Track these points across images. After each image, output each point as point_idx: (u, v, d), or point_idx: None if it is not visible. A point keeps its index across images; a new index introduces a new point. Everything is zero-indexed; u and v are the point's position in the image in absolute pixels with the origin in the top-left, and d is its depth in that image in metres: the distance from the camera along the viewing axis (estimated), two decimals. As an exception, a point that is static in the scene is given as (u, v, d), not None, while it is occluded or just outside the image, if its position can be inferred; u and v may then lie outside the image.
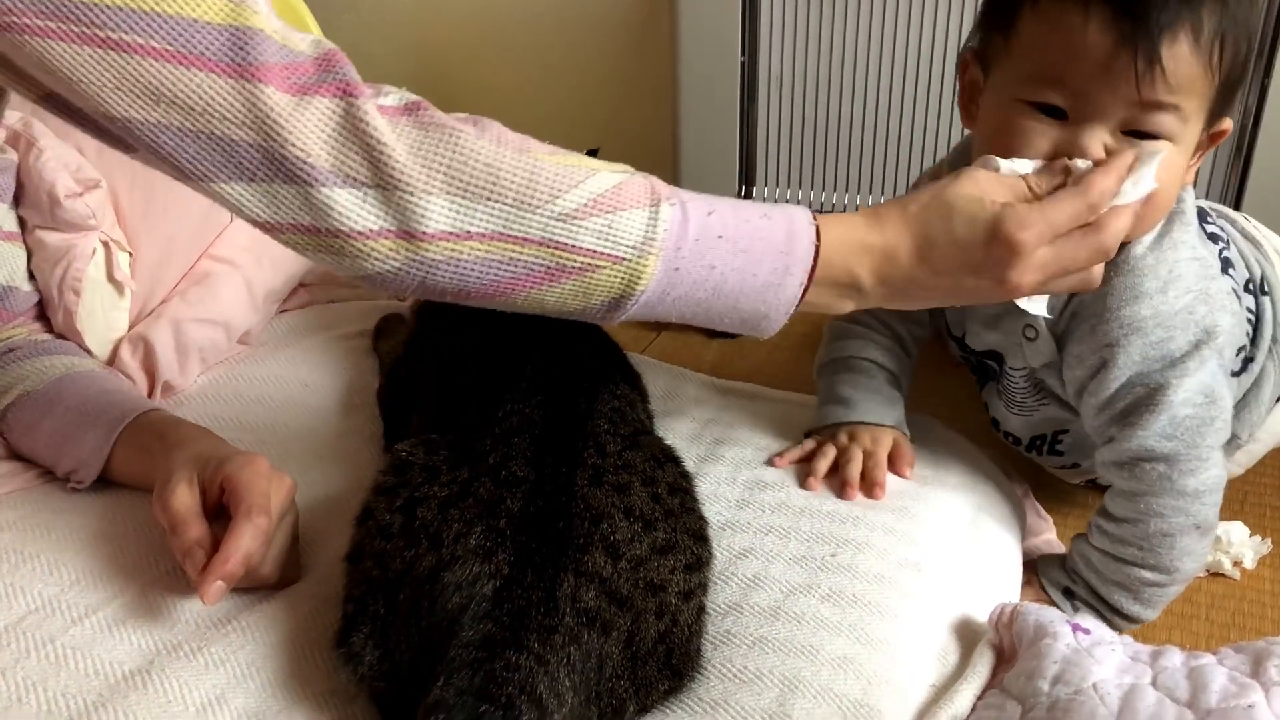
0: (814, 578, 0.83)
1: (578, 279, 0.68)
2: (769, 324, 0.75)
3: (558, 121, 2.04)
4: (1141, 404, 0.88)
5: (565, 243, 0.67)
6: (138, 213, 1.09)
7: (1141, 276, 0.87)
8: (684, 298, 0.72)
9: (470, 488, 0.72)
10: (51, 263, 1.02)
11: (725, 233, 0.71)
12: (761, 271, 0.72)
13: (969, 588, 0.88)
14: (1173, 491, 0.88)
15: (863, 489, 0.94)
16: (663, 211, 0.69)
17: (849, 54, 1.55)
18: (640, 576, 0.69)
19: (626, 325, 1.47)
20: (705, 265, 0.71)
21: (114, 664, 0.72)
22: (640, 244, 0.69)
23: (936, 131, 1.55)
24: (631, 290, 0.70)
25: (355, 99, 0.63)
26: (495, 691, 0.62)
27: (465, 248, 0.65)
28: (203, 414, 1.04)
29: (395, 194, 0.63)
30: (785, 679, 0.73)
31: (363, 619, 0.70)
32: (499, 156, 0.66)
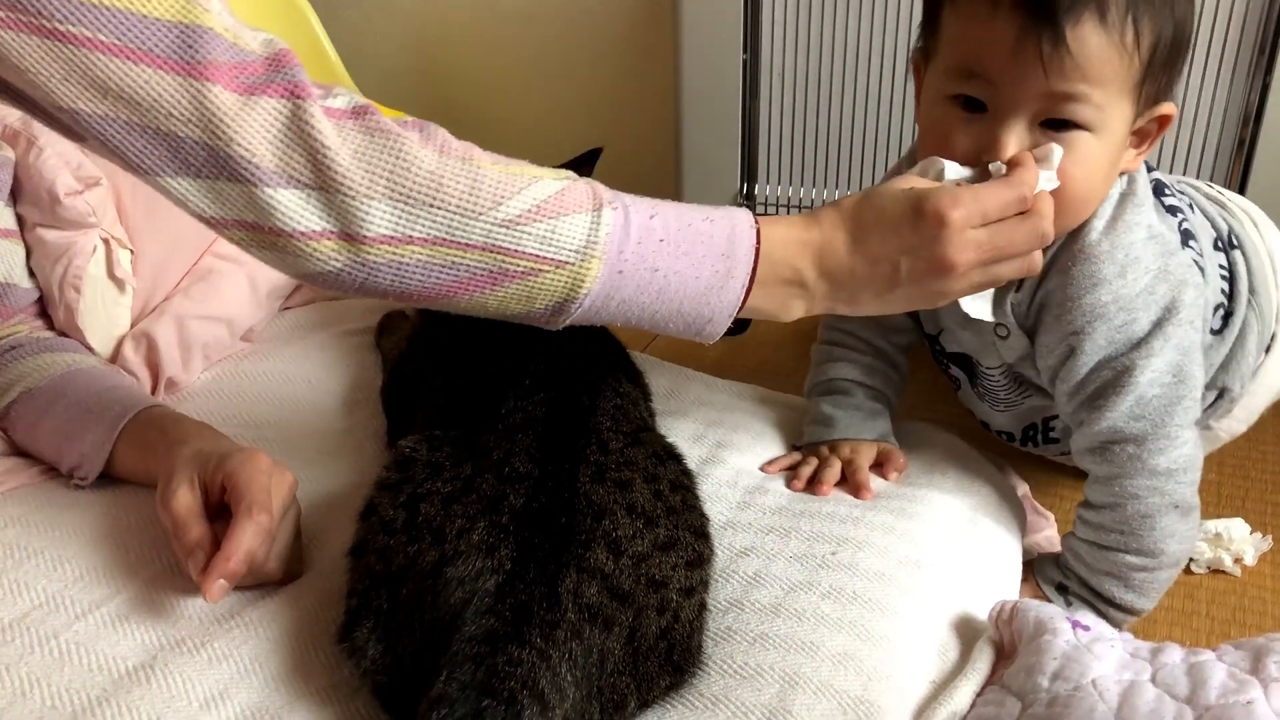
0: (814, 575, 0.83)
1: (521, 283, 0.70)
2: (713, 328, 0.76)
3: (560, 118, 2.05)
4: (1109, 386, 0.89)
5: (508, 248, 0.68)
6: (140, 210, 1.09)
7: (1099, 263, 0.88)
8: (628, 301, 0.73)
9: (473, 484, 0.73)
10: (52, 260, 1.02)
11: (667, 236, 0.72)
12: (704, 274, 0.73)
13: (968, 585, 0.89)
14: (1145, 471, 0.89)
15: (848, 491, 0.96)
16: (605, 215, 0.70)
17: (851, 51, 1.55)
18: (642, 573, 0.70)
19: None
20: (648, 268, 0.72)
21: (117, 659, 0.73)
22: (583, 248, 0.70)
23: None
24: (575, 294, 0.71)
25: (302, 100, 0.63)
26: (497, 686, 0.63)
27: (407, 252, 0.66)
28: (206, 410, 1.04)
29: (338, 197, 0.64)
30: (786, 675, 0.73)
31: (366, 614, 0.70)
32: (442, 164, 0.66)
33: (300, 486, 0.83)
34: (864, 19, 1.52)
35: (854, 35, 1.53)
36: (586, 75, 1.99)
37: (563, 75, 2.01)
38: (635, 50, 1.93)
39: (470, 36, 2.05)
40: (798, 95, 1.60)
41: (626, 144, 2.01)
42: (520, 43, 2.01)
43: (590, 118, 2.02)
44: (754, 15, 1.56)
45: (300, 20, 1.87)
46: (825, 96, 1.59)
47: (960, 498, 0.97)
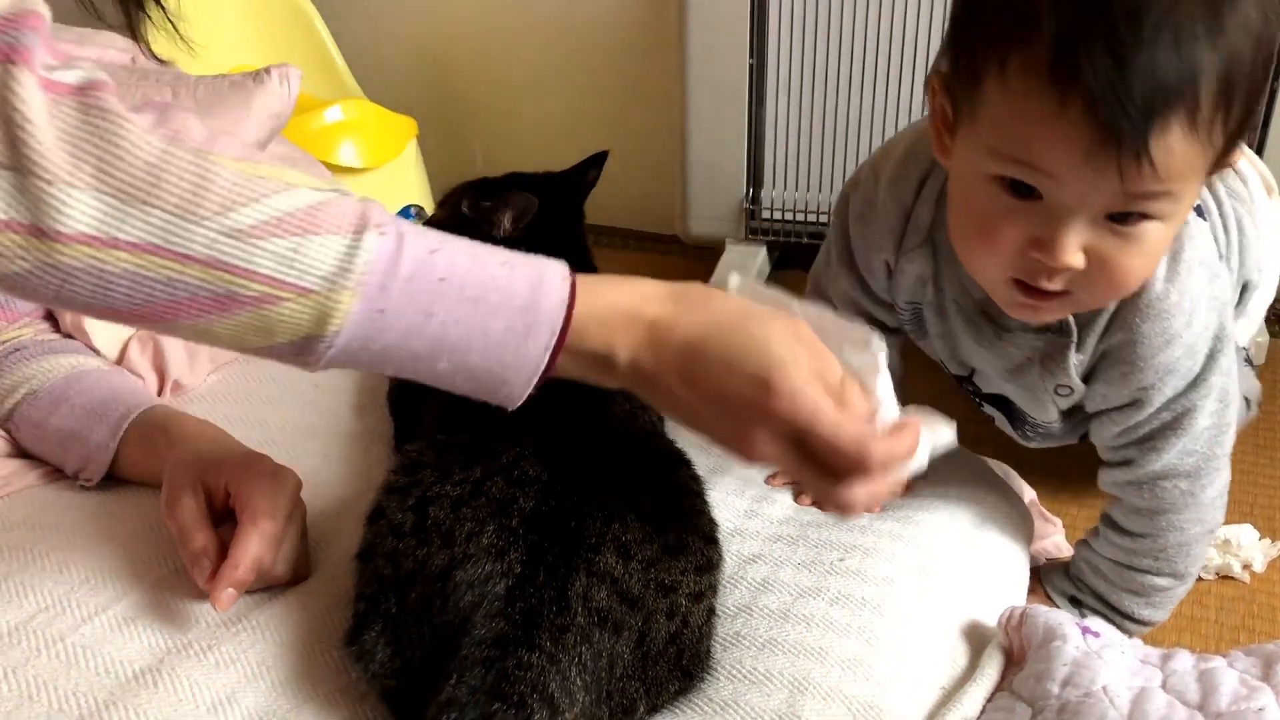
0: (822, 581, 0.83)
1: (254, 311, 0.57)
2: (510, 390, 0.62)
3: (565, 123, 2.05)
4: (1167, 428, 0.86)
5: (235, 265, 0.56)
6: None
7: (1170, 319, 0.82)
8: (396, 347, 0.60)
9: (482, 487, 0.72)
10: None
11: (451, 276, 0.60)
12: (495, 327, 0.60)
13: (977, 591, 0.88)
14: (1194, 505, 0.87)
15: None
16: (367, 241, 0.58)
17: (857, 57, 1.55)
18: (651, 577, 0.69)
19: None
20: (420, 311, 0.59)
21: (124, 662, 0.72)
22: (332, 275, 0.57)
23: (945, 134, 1.55)
24: (322, 330, 0.58)
25: (14, 66, 0.53)
26: (507, 690, 0.62)
27: (111, 257, 0.55)
28: (213, 413, 1.03)
29: (31, 180, 0.53)
30: (795, 680, 0.73)
31: (374, 617, 0.70)
32: (167, 155, 0.56)
33: (307, 489, 0.83)
34: (870, 25, 1.52)
35: (860, 41, 1.53)
36: (592, 80, 1.99)
37: (568, 80, 2.01)
38: (641, 55, 1.93)
39: (476, 43, 2.05)
40: (804, 101, 1.60)
41: (632, 149, 2.01)
42: (526, 47, 2.01)
43: (596, 123, 2.02)
44: (760, 21, 1.56)
45: (306, 26, 1.87)
46: (831, 102, 1.59)
47: (967, 504, 0.97)
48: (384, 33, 2.10)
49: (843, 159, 1.62)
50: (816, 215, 1.66)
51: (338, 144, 1.65)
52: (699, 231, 1.74)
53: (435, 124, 2.11)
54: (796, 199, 1.66)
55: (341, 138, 1.66)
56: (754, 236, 1.70)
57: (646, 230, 2.07)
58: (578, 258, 1.06)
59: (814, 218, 1.66)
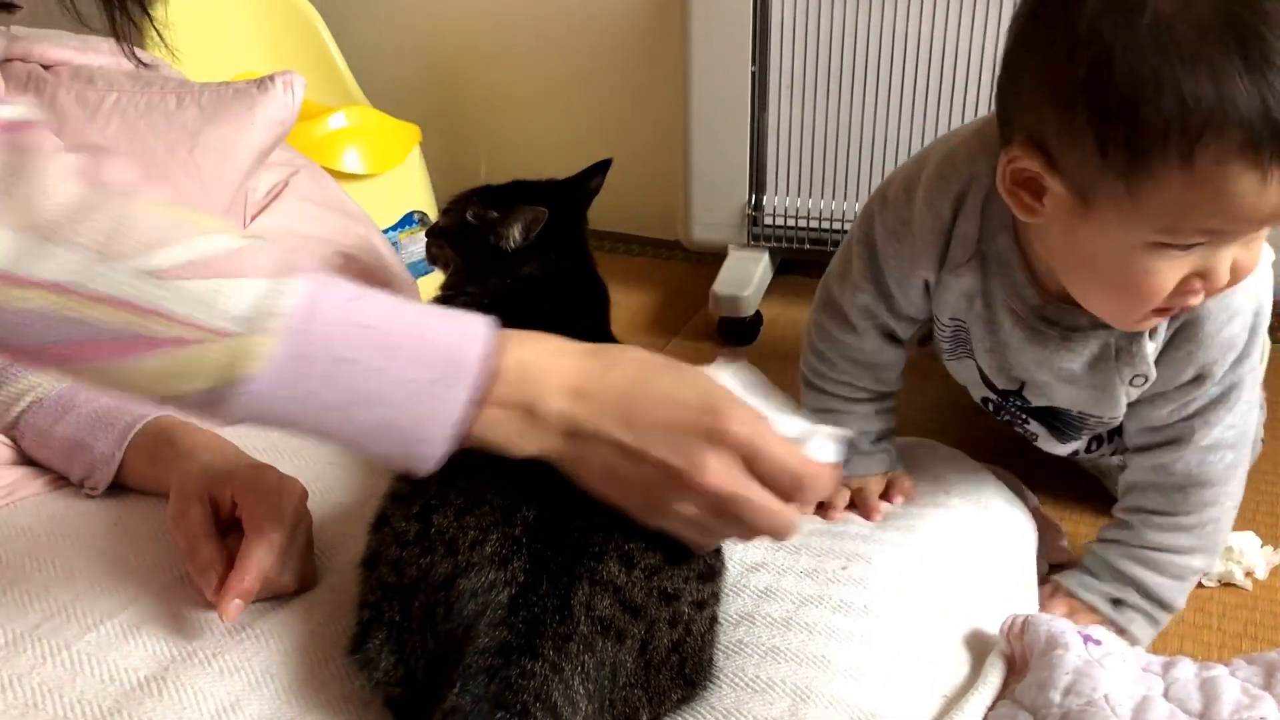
0: (825, 589, 0.83)
1: (171, 353, 0.56)
2: (427, 449, 0.61)
3: (568, 129, 2.05)
4: (1217, 402, 0.90)
5: (150, 306, 0.55)
6: None
7: (1232, 294, 0.84)
8: (315, 395, 0.58)
9: (485, 495, 0.73)
10: None
11: (373, 323, 0.59)
12: (417, 376, 0.59)
13: (980, 599, 0.88)
14: (1236, 476, 0.91)
15: (858, 514, 0.97)
16: (291, 284, 0.57)
17: (860, 63, 1.55)
18: (654, 585, 0.70)
19: (636, 331, 1.48)
20: (340, 358, 0.58)
21: (129, 670, 0.73)
22: (251, 317, 0.56)
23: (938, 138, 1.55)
24: (240, 374, 0.56)
25: None
26: (511, 699, 0.63)
27: (22, 296, 0.54)
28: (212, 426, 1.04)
29: None
30: (797, 688, 0.73)
31: (377, 625, 0.70)
32: (88, 195, 0.56)
33: (312, 498, 0.83)
34: (872, 31, 1.52)
35: (862, 47, 1.54)
36: (595, 87, 2.00)
37: (571, 87, 2.02)
38: (644, 62, 1.94)
39: (479, 50, 2.05)
40: (806, 107, 1.60)
41: (635, 155, 2.01)
42: (529, 53, 2.02)
43: (599, 129, 2.03)
44: (762, 28, 1.57)
45: (310, 32, 1.88)
46: (834, 109, 1.59)
47: (970, 513, 0.97)
48: (388, 39, 2.10)
49: (845, 165, 1.62)
50: (819, 221, 1.66)
51: (341, 151, 1.65)
52: (701, 237, 1.74)
53: (439, 131, 2.11)
54: (799, 205, 1.67)
55: (345, 144, 1.66)
56: (756, 242, 1.71)
57: (649, 236, 2.08)
58: (581, 265, 1.07)
59: (816, 224, 1.66)
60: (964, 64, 1.50)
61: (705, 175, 1.68)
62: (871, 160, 1.60)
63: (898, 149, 1.58)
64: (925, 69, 1.52)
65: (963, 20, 1.47)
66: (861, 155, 1.61)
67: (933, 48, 1.51)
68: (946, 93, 1.52)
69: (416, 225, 1.76)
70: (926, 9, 1.48)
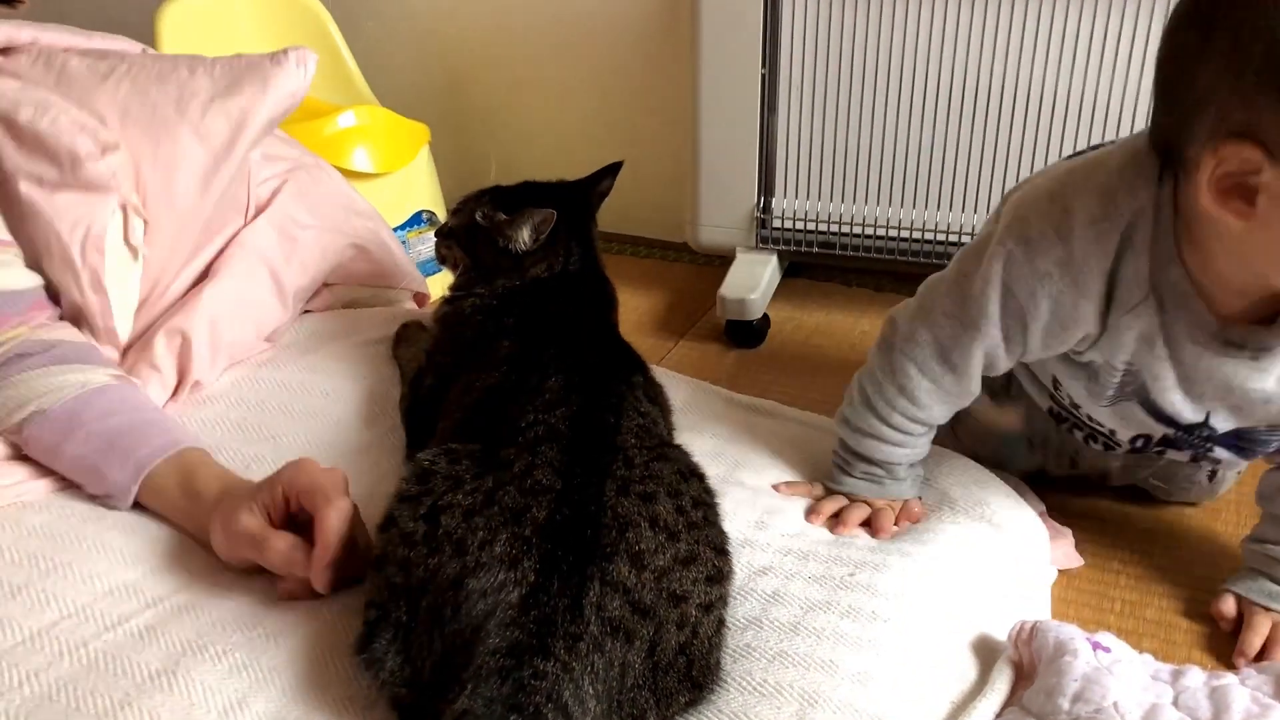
0: (833, 595, 0.83)
1: None
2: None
3: (578, 130, 2.05)
4: None
5: None
6: (159, 178, 1.08)
7: None
8: None
9: (495, 496, 0.73)
10: (69, 225, 1.01)
11: None
12: None
13: (988, 605, 0.88)
14: None
15: (869, 532, 0.96)
16: None
17: (870, 66, 1.55)
18: (663, 587, 0.70)
19: (643, 333, 1.48)
20: None
21: (141, 665, 0.73)
22: None
23: (956, 143, 1.55)
24: None
25: None
26: (524, 700, 0.63)
27: None
28: (226, 420, 1.04)
29: None
30: (805, 693, 0.73)
31: (384, 625, 0.70)
32: None
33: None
34: (884, 34, 1.52)
35: (873, 50, 1.54)
36: (604, 88, 1.99)
37: (581, 87, 2.02)
38: (654, 63, 1.94)
39: (489, 50, 2.06)
40: (816, 110, 1.60)
41: (644, 157, 2.01)
42: (539, 54, 2.02)
43: (608, 130, 2.02)
44: (773, 30, 1.56)
45: (320, 30, 1.88)
46: (844, 111, 1.59)
47: (979, 519, 0.97)
48: (397, 39, 2.10)
49: (855, 168, 1.62)
50: (828, 225, 1.66)
51: (350, 150, 1.65)
52: (709, 240, 1.74)
53: (448, 130, 2.11)
54: (808, 208, 1.66)
55: (354, 143, 1.66)
56: (764, 245, 1.71)
57: (656, 238, 2.07)
58: (590, 267, 1.07)
59: (825, 227, 1.66)
60: (975, 66, 1.50)
61: (714, 177, 1.68)
62: (882, 163, 1.60)
63: (908, 152, 1.58)
64: (936, 71, 1.52)
65: (974, 21, 1.47)
66: (872, 158, 1.60)
67: (944, 50, 1.50)
68: (958, 95, 1.52)
69: (425, 225, 1.76)
70: (938, 11, 1.48)
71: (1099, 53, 1.44)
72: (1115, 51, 1.44)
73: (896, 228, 1.63)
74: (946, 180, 1.58)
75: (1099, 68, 1.45)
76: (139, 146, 1.07)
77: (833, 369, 1.58)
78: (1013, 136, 1.52)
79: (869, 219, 1.63)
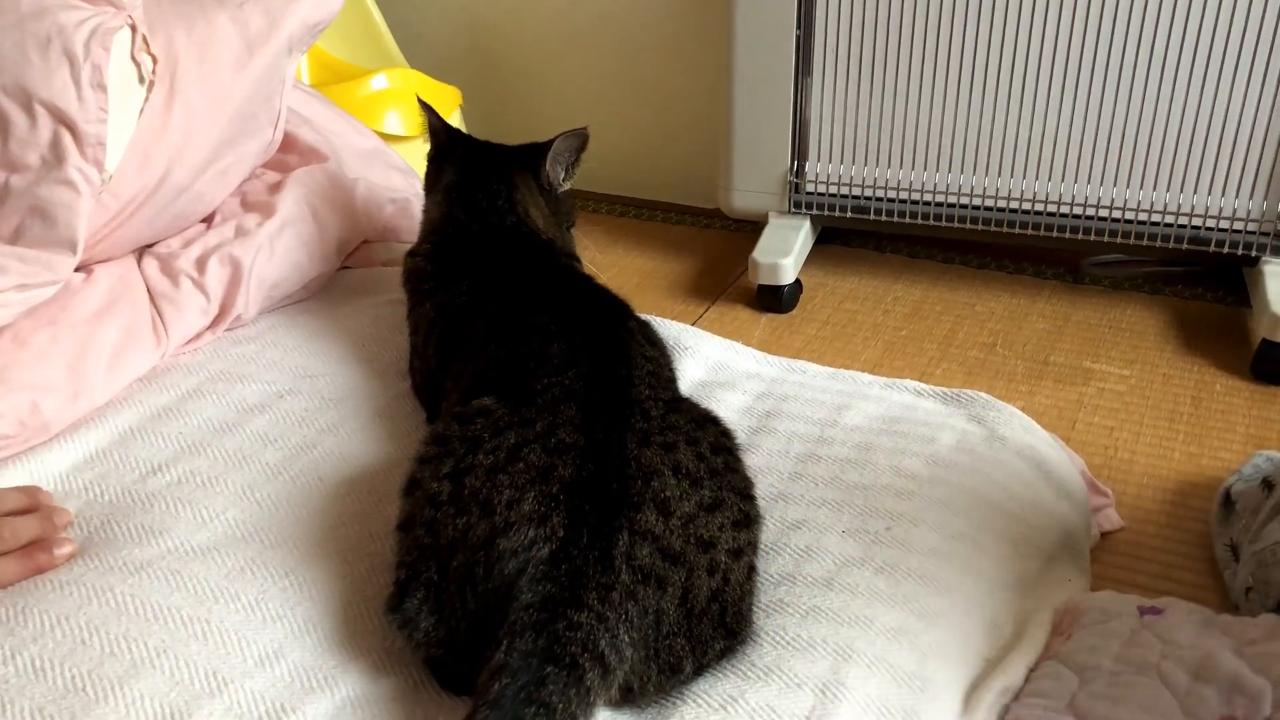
0: (868, 551, 0.82)
1: None
2: None
3: (610, 92, 2.04)
4: None
5: None
6: (190, 59, 1.07)
7: None
8: None
9: (519, 454, 0.72)
10: (75, 20, 0.96)
11: None
12: None
13: (1025, 561, 0.87)
14: None
15: None
16: None
17: (906, 29, 1.52)
18: (691, 533, 0.69)
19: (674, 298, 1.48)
20: None
21: (171, 610, 0.73)
22: None
23: (992, 108, 1.52)
24: None
25: None
26: (560, 652, 0.62)
27: None
28: (264, 359, 1.05)
29: None
30: (839, 648, 0.73)
31: (415, 584, 0.70)
32: None
33: (358, 446, 0.87)
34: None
35: (909, 12, 1.51)
36: (637, 50, 1.98)
37: (613, 50, 2.00)
38: (687, 27, 1.92)
39: (521, 14, 2.04)
40: (851, 74, 1.58)
41: (676, 121, 2.00)
42: (570, 18, 2.01)
43: (642, 93, 2.01)
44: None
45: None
46: (879, 75, 1.57)
47: (1020, 470, 0.95)
48: (428, 3, 2.10)
49: (890, 133, 1.60)
50: (862, 190, 1.64)
51: (383, 112, 1.65)
52: (741, 205, 1.72)
53: (480, 93, 2.10)
54: (841, 173, 1.65)
55: (387, 106, 1.66)
56: (797, 210, 1.69)
57: (689, 204, 2.06)
58: (514, 221, 1.05)
59: (859, 192, 1.64)
60: (1010, 29, 1.47)
61: (747, 141, 1.67)
62: (916, 128, 1.58)
63: (943, 117, 1.56)
64: (972, 35, 1.49)
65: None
66: (906, 123, 1.58)
67: (979, 13, 1.48)
68: (994, 60, 1.50)
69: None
70: (976, -28, 1.46)
71: (1128, 17, 1.41)
72: (1143, 15, 1.41)
73: (931, 192, 1.61)
74: (982, 145, 1.56)
75: (1128, 32, 1.42)
76: (173, 25, 1.07)
77: (865, 335, 1.57)
78: (1050, 102, 1.50)
79: (903, 184, 1.62)
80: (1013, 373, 1.44)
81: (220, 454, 0.91)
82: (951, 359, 1.49)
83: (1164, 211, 1.50)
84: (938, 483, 0.91)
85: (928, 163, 1.60)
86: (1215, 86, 1.42)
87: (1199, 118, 1.44)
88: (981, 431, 1.00)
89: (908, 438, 0.98)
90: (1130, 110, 1.47)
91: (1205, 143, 1.45)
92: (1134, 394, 1.39)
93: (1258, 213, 1.46)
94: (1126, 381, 1.42)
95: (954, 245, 1.82)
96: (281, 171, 1.23)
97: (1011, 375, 1.44)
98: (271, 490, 0.87)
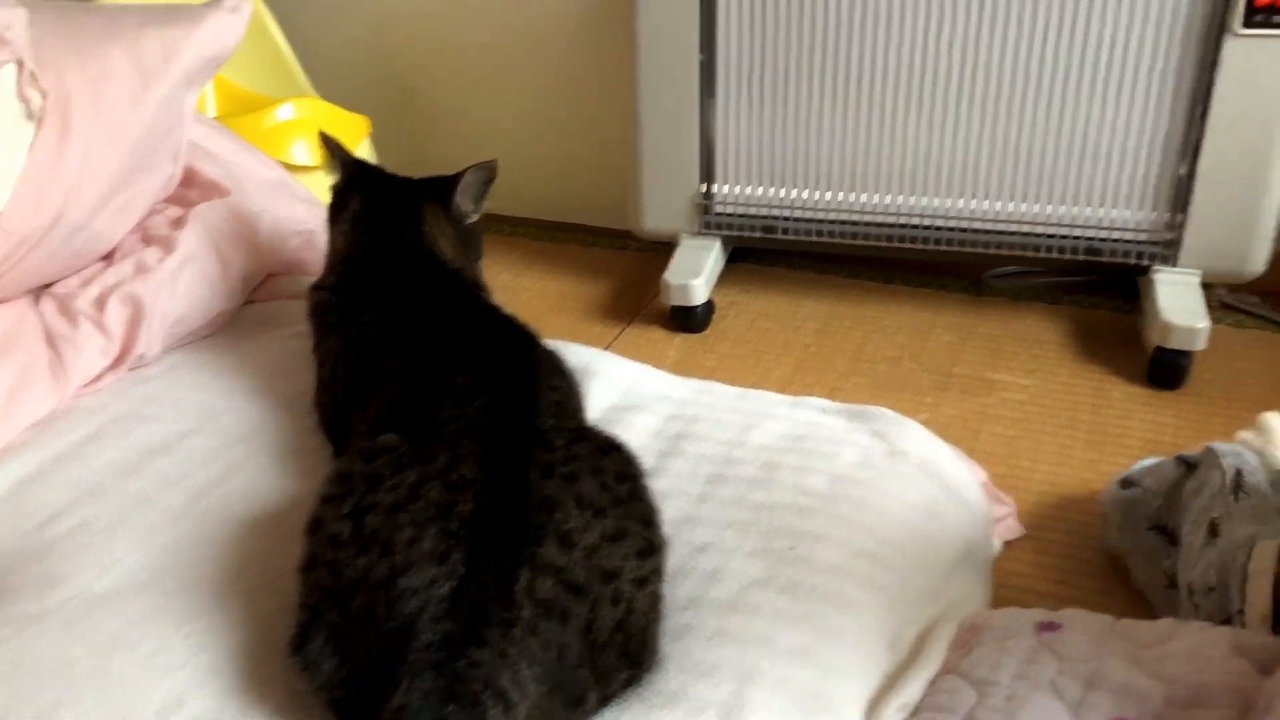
0: (773, 570, 0.84)
1: None
2: None
3: (518, 119, 2.04)
4: None
5: None
6: (84, 93, 1.05)
7: None
8: None
9: (419, 491, 0.72)
10: None
11: None
12: None
13: (925, 575, 0.89)
14: None
15: None
16: None
17: (808, 51, 1.56)
18: (594, 564, 0.70)
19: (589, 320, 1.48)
20: None
21: (70, 662, 0.72)
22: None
23: (895, 127, 1.56)
24: None
25: None
26: (460, 690, 0.63)
27: None
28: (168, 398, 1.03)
29: None
30: (742, 671, 0.74)
31: (318, 626, 0.69)
32: None
33: (265, 483, 0.85)
34: (819, 21, 1.53)
35: (809, 36, 1.54)
36: (545, 77, 1.99)
37: (520, 76, 2.01)
38: (592, 52, 1.93)
39: (429, 42, 2.04)
40: (754, 95, 1.61)
41: (585, 146, 2.01)
42: (479, 45, 2.01)
43: (548, 118, 2.02)
44: (709, 17, 1.57)
45: (259, 24, 1.85)
46: (783, 96, 1.60)
47: (920, 487, 0.98)
48: (336, 31, 2.09)
49: (795, 153, 1.63)
50: (769, 209, 1.67)
51: (290, 142, 1.64)
52: (652, 227, 1.74)
53: (389, 122, 2.10)
54: (749, 193, 1.67)
55: (294, 136, 1.65)
56: (707, 231, 1.71)
57: (602, 226, 2.08)
58: (420, 252, 1.05)
59: (768, 212, 1.67)
60: (911, 49, 1.51)
61: (656, 165, 1.69)
62: (820, 148, 1.61)
63: (846, 136, 1.59)
64: (872, 57, 1.53)
65: (907, 6, 1.48)
66: (811, 143, 1.61)
67: (878, 34, 1.52)
68: (894, 80, 1.54)
69: (367, 217, 1.75)
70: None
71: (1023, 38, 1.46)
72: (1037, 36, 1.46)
73: (836, 210, 1.64)
74: (884, 163, 1.59)
75: (1022, 52, 1.47)
76: (64, 60, 1.05)
77: (777, 352, 1.59)
78: (949, 120, 1.54)
79: (809, 202, 1.65)
80: (919, 385, 1.48)
81: (122, 497, 0.89)
82: (860, 373, 1.52)
83: (1060, 224, 1.55)
84: (840, 499, 0.93)
85: (833, 181, 1.63)
86: (1106, 104, 1.47)
87: (1091, 134, 1.49)
88: (883, 446, 1.03)
89: (811, 455, 0.99)
90: (1025, 127, 1.52)
91: (1098, 157, 1.50)
92: (1035, 403, 1.43)
93: (1148, 223, 1.52)
94: (1028, 391, 1.46)
95: (861, 261, 1.86)
96: (183, 206, 1.22)
97: (918, 387, 1.47)
98: (175, 533, 0.86)
